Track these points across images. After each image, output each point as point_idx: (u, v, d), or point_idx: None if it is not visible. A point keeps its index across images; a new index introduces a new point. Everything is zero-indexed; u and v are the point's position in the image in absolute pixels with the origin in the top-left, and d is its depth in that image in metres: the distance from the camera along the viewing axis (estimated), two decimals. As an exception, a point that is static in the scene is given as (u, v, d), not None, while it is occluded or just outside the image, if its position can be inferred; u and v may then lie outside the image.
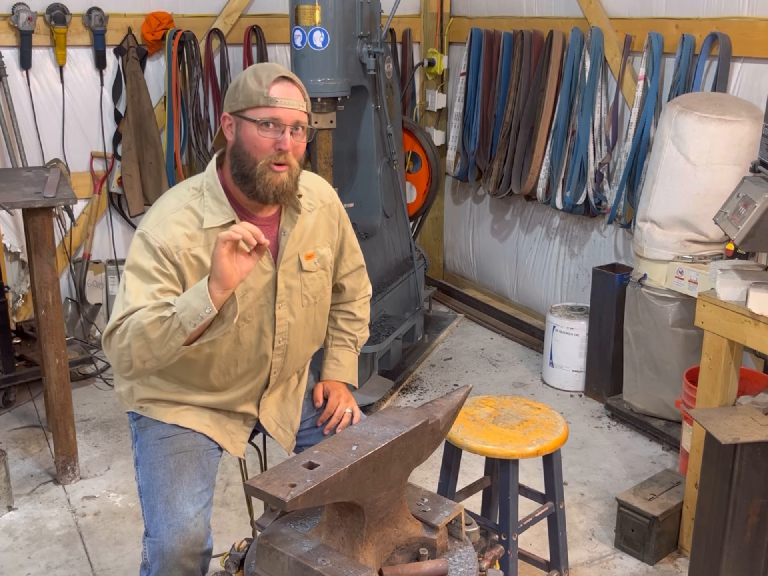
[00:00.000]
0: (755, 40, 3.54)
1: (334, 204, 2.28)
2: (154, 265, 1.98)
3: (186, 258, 2.01)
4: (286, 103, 1.98)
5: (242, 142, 2.01)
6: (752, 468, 2.43)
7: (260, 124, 1.98)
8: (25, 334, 4.30)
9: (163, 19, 4.59)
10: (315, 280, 2.22)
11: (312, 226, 2.20)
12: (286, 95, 1.99)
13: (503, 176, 4.91)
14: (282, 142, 1.98)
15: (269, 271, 2.11)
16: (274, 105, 1.97)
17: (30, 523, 3.25)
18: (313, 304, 2.23)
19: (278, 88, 1.99)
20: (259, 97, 1.98)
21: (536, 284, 5.13)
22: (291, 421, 2.33)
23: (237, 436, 2.29)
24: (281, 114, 1.98)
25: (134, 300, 1.94)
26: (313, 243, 2.20)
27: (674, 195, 3.47)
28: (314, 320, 2.27)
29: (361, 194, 4.41)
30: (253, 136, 1.99)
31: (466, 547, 1.81)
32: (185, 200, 2.06)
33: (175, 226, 2.01)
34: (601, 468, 3.63)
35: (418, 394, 4.32)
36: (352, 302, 2.45)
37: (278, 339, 2.17)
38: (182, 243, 2.00)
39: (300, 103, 2.02)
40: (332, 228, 2.27)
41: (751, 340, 2.64)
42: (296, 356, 2.27)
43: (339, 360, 2.43)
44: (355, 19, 3.94)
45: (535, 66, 4.67)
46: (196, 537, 2.02)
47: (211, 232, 2.02)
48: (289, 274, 2.15)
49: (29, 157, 4.46)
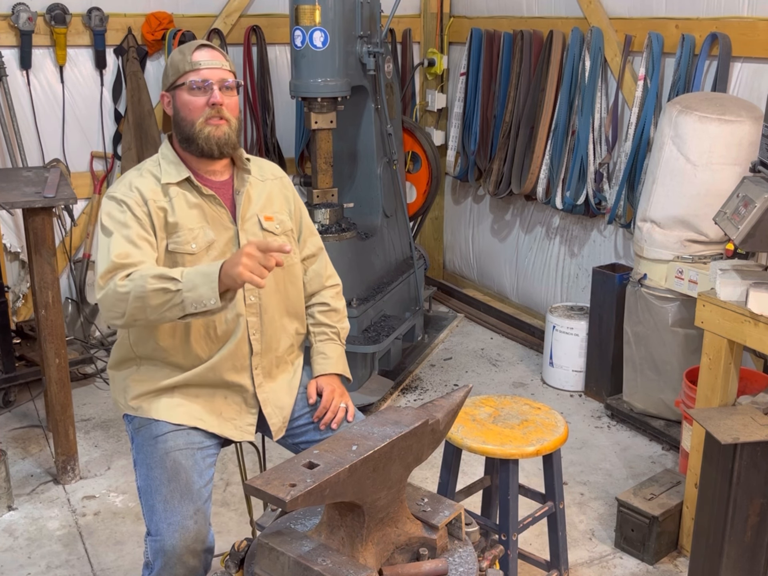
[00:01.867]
0: (755, 40, 3.54)
1: (285, 179, 2.42)
2: (128, 214, 2.13)
3: (154, 208, 2.16)
4: (209, 64, 2.18)
5: (179, 110, 2.20)
6: (752, 468, 2.43)
7: (190, 87, 2.17)
8: (25, 334, 4.30)
9: (163, 19, 4.59)
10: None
11: (266, 193, 2.33)
12: (208, 57, 2.19)
13: (503, 176, 4.91)
14: (213, 97, 2.16)
15: (230, 227, 2.23)
16: (198, 67, 2.17)
17: (30, 523, 3.25)
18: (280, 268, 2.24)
19: (200, 53, 2.19)
20: (184, 65, 2.18)
21: (536, 284, 5.13)
22: (283, 405, 2.34)
23: (241, 419, 2.29)
24: (207, 74, 2.17)
25: (115, 246, 2.06)
26: (271, 208, 2.32)
27: (674, 195, 3.47)
28: (284, 287, 2.32)
29: (361, 194, 4.42)
30: (186, 99, 2.18)
31: (466, 547, 1.81)
32: (144, 168, 2.25)
33: (139, 184, 2.18)
34: (601, 468, 3.63)
35: (418, 394, 4.32)
36: (322, 292, 2.47)
37: (248, 296, 2.24)
38: (148, 195, 2.17)
39: (223, 63, 2.21)
40: (287, 199, 2.39)
41: (751, 340, 2.64)
42: (273, 323, 2.29)
43: (326, 353, 2.44)
44: (355, 19, 3.94)
45: (535, 66, 4.67)
46: (196, 534, 2.03)
47: (170, 189, 2.19)
48: (251, 233, 2.25)
49: (29, 157, 4.46)
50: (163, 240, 2.17)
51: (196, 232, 2.19)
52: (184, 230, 2.17)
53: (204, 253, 2.19)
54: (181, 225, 2.17)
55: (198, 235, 2.18)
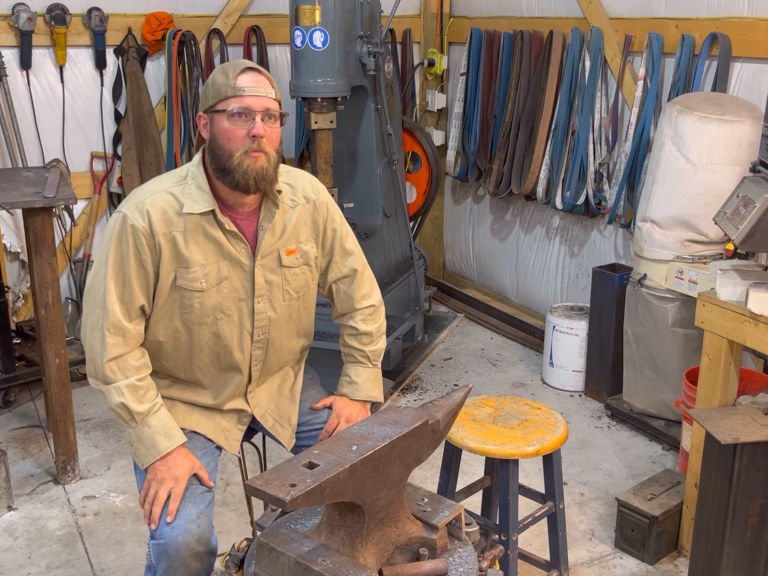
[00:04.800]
0: (755, 40, 3.54)
1: (319, 200, 2.26)
2: (131, 250, 2.05)
3: (162, 241, 2.05)
4: (253, 91, 2.02)
5: (216, 137, 2.05)
6: (752, 468, 2.43)
7: (231, 114, 2.01)
8: (25, 334, 4.30)
9: (163, 19, 4.59)
10: (297, 276, 2.23)
11: (294, 221, 2.20)
12: (253, 84, 2.03)
13: (503, 176, 4.91)
14: (254, 129, 2.01)
15: (246, 264, 2.14)
16: (242, 94, 2.01)
17: (30, 523, 3.25)
18: (296, 299, 2.25)
19: (245, 78, 2.03)
20: (226, 89, 2.02)
21: (536, 284, 5.13)
22: (288, 416, 2.34)
23: (231, 433, 2.29)
24: (250, 102, 2.01)
25: (111, 304, 2.06)
26: (296, 239, 2.21)
27: (674, 195, 3.47)
28: (298, 314, 2.28)
29: (361, 194, 4.41)
30: (225, 128, 2.03)
31: (466, 547, 1.81)
32: (167, 185, 2.11)
33: (152, 208, 2.05)
34: (601, 468, 3.63)
35: (418, 394, 4.32)
36: (353, 314, 2.38)
37: (257, 333, 2.20)
38: (158, 227, 2.05)
39: (268, 91, 2.05)
40: (316, 224, 2.25)
41: (751, 340, 2.63)
42: (279, 350, 2.28)
43: (351, 377, 2.40)
44: (355, 19, 3.93)
45: (535, 66, 4.67)
46: (199, 537, 2.02)
47: (189, 218, 2.06)
48: (268, 269, 2.17)
49: (29, 157, 4.45)
50: (170, 273, 2.08)
51: (209, 268, 2.09)
52: (196, 266, 2.08)
53: (214, 290, 2.11)
54: (193, 261, 2.07)
55: (210, 271, 2.09)
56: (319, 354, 2.53)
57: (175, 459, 2.08)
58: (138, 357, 2.12)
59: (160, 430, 2.10)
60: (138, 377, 2.10)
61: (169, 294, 2.10)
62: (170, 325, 2.13)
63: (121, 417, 2.11)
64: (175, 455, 2.09)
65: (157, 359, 2.19)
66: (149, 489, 2.06)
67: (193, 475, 2.11)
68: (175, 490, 2.04)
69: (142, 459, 2.10)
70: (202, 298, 2.10)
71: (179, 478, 2.06)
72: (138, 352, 2.13)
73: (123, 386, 2.08)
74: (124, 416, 2.10)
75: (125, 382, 2.08)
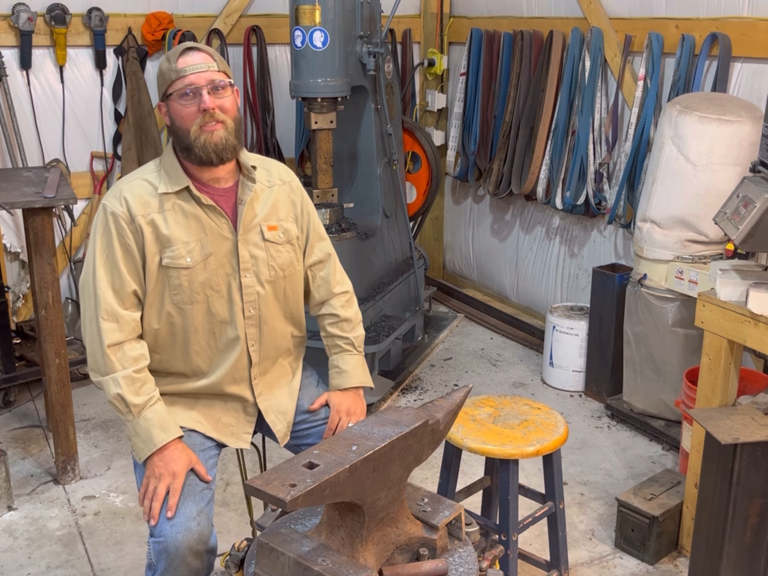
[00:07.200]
0: (755, 40, 3.54)
1: (294, 182, 2.36)
2: (114, 238, 2.12)
3: (142, 224, 2.12)
4: (194, 68, 2.11)
5: (174, 119, 2.15)
6: (752, 468, 2.43)
7: (180, 95, 2.12)
8: (25, 334, 4.30)
9: (163, 19, 4.59)
10: (282, 253, 2.27)
11: (273, 200, 2.28)
12: (192, 62, 2.12)
13: (503, 176, 4.91)
14: (203, 103, 2.10)
15: (229, 238, 2.19)
16: (184, 74, 2.11)
17: (30, 523, 3.25)
18: (282, 277, 2.27)
19: (185, 59, 2.13)
20: (170, 73, 2.13)
21: (536, 284, 5.13)
22: (285, 410, 2.34)
23: (238, 427, 2.30)
24: (193, 78, 2.11)
25: (102, 291, 2.12)
26: (276, 216, 2.27)
27: (674, 195, 3.47)
28: (284, 294, 2.30)
29: (361, 194, 4.41)
30: (178, 109, 2.13)
31: (466, 547, 1.81)
32: (142, 174, 2.21)
33: (130, 194, 2.15)
34: (601, 468, 3.63)
35: (418, 394, 4.32)
36: (331, 301, 2.43)
37: (248, 308, 2.22)
38: (137, 210, 2.13)
39: (209, 65, 2.13)
40: (294, 204, 2.33)
41: (751, 340, 2.64)
42: (273, 330, 2.29)
43: (340, 366, 2.41)
44: (355, 19, 3.94)
45: (535, 66, 4.67)
46: (199, 535, 2.03)
47: (165, 199, 2.15)
48: (252, 243, 2.22)
49: (29, 157, 4.45)
50: (155, 255, 2.13)
51: (192, 245, 2.14)
52: (178, 244, 2.13)
53: (201, 267, 2.15)
54: (175, 238, 2.13)
55: (193, 248, 2.14)
56: (320, 354, 2.52)
57: (172, 454, 2.10)
58: (136, 348, 2.15)
59: (156, 423, 2.11)
60: (135, 368, 2.12)
61: (158, 277, 2.15)
62: (162, 310, 2.17)
63: (118, 409, 2.13)
64: (172, 450, 2.10)
65: (155, 351, 2.21)
66: (148, 485, 2.08)
67: (191, 470, 2.12)
68: (173, 485, 2.06)
69: (139, 452, 2.12)
70: (190, 276, 2.15)
71: (177, 473, 2.07)
72: (135, 342, 2.16)
73: (120, 377, 2.10)
74: (121, 408, 2.12)
75: (122, 373, 2.11)
